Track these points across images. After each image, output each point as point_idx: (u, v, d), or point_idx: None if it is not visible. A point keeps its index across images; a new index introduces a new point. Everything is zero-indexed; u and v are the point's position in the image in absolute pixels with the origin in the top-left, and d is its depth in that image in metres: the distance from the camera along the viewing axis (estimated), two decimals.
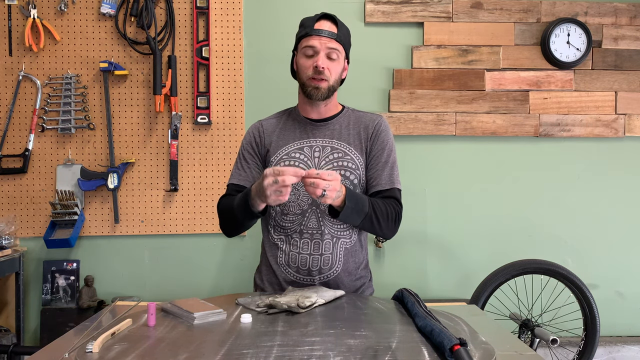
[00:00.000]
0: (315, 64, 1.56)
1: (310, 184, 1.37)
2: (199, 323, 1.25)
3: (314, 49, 1.57)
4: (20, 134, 2.73)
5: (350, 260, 1.64)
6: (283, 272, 1.62)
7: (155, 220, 2.77)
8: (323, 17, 1.61)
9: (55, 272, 2.72)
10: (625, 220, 2.91)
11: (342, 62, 1.62)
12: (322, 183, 1.36)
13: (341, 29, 1.61)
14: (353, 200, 1.48)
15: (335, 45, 1.58)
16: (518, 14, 2.85)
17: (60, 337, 1.24)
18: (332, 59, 1.59)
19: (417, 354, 1.04)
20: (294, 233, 1.61)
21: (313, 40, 1.57)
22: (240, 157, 1.70)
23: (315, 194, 1.38)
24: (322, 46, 1.57)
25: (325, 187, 1.37)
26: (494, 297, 2.48)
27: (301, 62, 1.61)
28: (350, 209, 1.47)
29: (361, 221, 1.53)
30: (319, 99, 1.61)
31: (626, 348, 2.80)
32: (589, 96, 2.86)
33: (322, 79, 1.58)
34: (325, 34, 1.57)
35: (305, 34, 1.59)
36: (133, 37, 2.74)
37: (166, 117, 2.76)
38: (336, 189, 1.40)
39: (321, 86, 1.58)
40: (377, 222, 1.55)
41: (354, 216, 1.50)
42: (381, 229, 1.58)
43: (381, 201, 1.58)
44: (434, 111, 2.82)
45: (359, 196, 1.52)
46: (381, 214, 1.55)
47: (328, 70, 1.58)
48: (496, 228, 2.87)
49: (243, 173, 1.67)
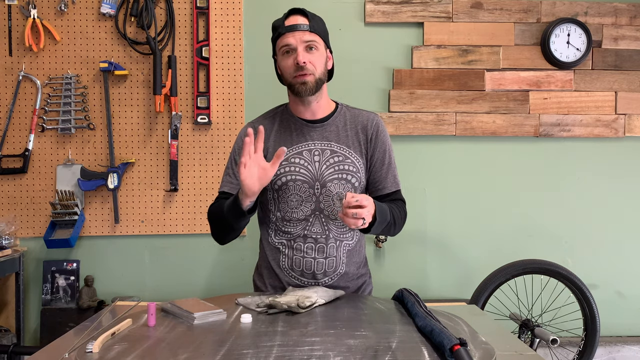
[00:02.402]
0: (296, 60, 1.52)
1: (352, 215, 1.35)
2: (199, 323, 1.25)
3: (291, 47, 1.53)
4: (20, 134, 2.73)
5: (352, 260, 1.64)
6: (286, 275, 1.61)
7: (155, 220, 2.77)
8: (292, 13, 1.57)
9: (55, 272, 2.72)
10: (626, 220, 2.91)
11: (323, 52, 1.58)
12: (363, 212, 1.35)
13: (313, 20, 1.56)
14: (382, 214, 1.48)
15: (311, 37, 1.54)
16: (518, 14, 2.85)
17: (60, 337, 1.24)
18: (311, 51, 1.54)
19: (417, 354, 1.04)
20: (298, 237, 1.60)
21: (287, 38, 1.53)
22: (232, 163, 1.64)
23: (357, 225, 1.37)
24: (298, 41, 1.53)
25: (366, 215, 1.36)
26: (494, 297, 2.48)
27: (282, 63, 1.57)
28: (379, 223, 1.47)
29: (382, 229, 1.54)
30: (308, 94, 1.56)
31: (626, 348, 2.80)
32: (589, 96, 2.86)
33: (307, 73, 1.53)
34: (298, 27, 1.53)
35: (279, 35, 1.56)
36: (133, 37, 2.74)
37: (166, 117, 2.76)
38: (372, 212, 1.40)
39: (307, 80, 1.54)
40: (393, 228, 1.59)
41: (379, 227, 1.50)
42: (395, 232, 1.62)
43: (394, 206, 1.60)
44: (434, 111, 2.82)
45: (383, 207, 1.51)
46: (398, 219, 1.59)
47: (311, 64, 1.53)
48: (496, 228, 2.87)
49: (235, 181, 1.61)
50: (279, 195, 1.59)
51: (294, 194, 1.58)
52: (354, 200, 1.35)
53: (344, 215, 1.37)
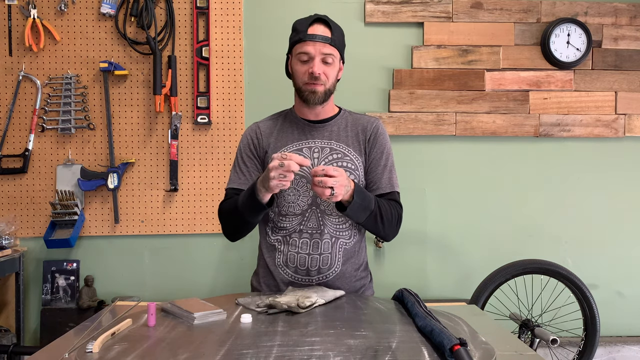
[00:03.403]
0: (311, 70, 1.55)
1: (318, 183, 1.37)
2: (199, 323, 1.25)
3: (309, 55, 1.56)
4: (20, 134, 2.73)
5: (349, 261, 1.64)
6: (281, 272, 1.62)
7: (155, 220, 2.77)
8: (316, 21, 1.58)
9: (55, 272, 2.72)
10: (625, 220, 2.91)
11: (337, 65, 1.62)
12: (329, 181, 1.37)
13: (335, 32, 1.59)
14: (361, 196, 1.48)
15: (330, 50, 1.56)
16: (518, 14, 2.85)
17: (60, 337, 1.24)
18: (327, 64, 1.57)
19: (417, 354, 1.04)
20: (294, 233, 1.61)
21: (307, 46, 1.55)
22: (238, 161, 1.69)
23: (325, 194, 1.38)
24: (317, 52, 1.55)
25: (333, 184, 1.37)
26: (494, 297, 2.48)
27: (296, 67, 1.59)
28: (357, 205, 1.47)
29: (366, 218, 1.53)
30: (316, 103, 1.60)
31: (626, 348, 2.80)
32: (589, 96, 2.86)
33: (318, 84, 1.57)
34: (319, 39, 1.55)
35: (299, 40, 1.57)
36: (133, 37, 2.74)
37: (166, 117, 2.76)
38: (344, 185, 1.41)
39: (317, 90, 1.58)
40: (380, 221, 1.56)
41: (360, 212, 1.50)
42: (384, 228, 1.58)
43: (385, 201, 1.59)
44: (434, 111, 2.82)
45: (366, 193, 1.52)
46: (385, 213, 1.57)
47: (324, 75, 1.57)
48: (496, 228, 2.87)
49: (242, 177, 1.66)
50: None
51: (292, 188, 1.59)
52: (320, 169, 1.38)
53: (313, 184, 1.39)
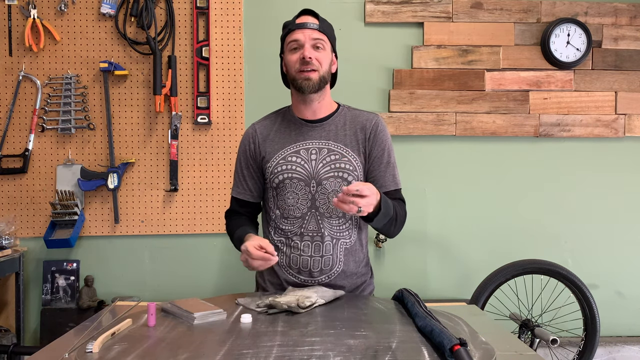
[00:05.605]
0: (302, 55, 1.55)
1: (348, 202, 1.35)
2: (199, 323, 1.25)
3: (299, 42, 1.57)
4: (20, 134, 2.73)
5: (350, 259, 1.64)
6: (284, 273, 1.63)
7: (155, 220, 2.77)
8: (304, 13, 1.63)
9: (55, 272, 2.72)
10: (625, 220, 2.91)
11: (329, 53, 1.61)
12: (360, 202, 1.35)
13: (323, 22, 1.62)
14: (385, 206, 1.49)
15: (319, 36, 1.58)
16: (518, 14, 2.85)
17: (60, 337, 1.24)
18: (318, 49, 1.58)
19: (417, 354, 1.04)
20: (294, 235, 1.61)
21: (296, 34, 1.57)
22: (237, 166, 1.72)
23: (352, 211, 1.37)
24: (307, 38, 1.57)
25: (363, 205, 1.36)
26: (494, 297, 2.48)
27: (288, 57, 1.60)
28: (382, 215, 1.48)
29: (384, 224, 1.54)
30: (311, 90, 1.58)
31: (626, 348, 2.80)
32: (589, 96, 2.86)
33: (312, 69, 1.56)
34: (307, 25, 1.57)
35: (289, 31, 1.60)
36: (133, 37, 2.74)
37: (166, 117, 2.76)
38: (373, 204, 1.41)
39: (311, 77, 1.57)
40: (394, 225, 1.59)
41: (382, 220, 1.50)
42: (395, 230, 1.61)
43: (397, 203, 1.61)
44: (434, 111, 2.82)
45: (388, 201, 1.53)
46: (399, 217, 1.59)
47: (317, 61, 1.57)
48: (496, 228, 2.87)
49: (241, 186, 1.70)
50: (278, 193, 1.62)
51: (291, 191, 1.60)
52: (354, 188, 1.35)
53: (340, 201, 1.36)
